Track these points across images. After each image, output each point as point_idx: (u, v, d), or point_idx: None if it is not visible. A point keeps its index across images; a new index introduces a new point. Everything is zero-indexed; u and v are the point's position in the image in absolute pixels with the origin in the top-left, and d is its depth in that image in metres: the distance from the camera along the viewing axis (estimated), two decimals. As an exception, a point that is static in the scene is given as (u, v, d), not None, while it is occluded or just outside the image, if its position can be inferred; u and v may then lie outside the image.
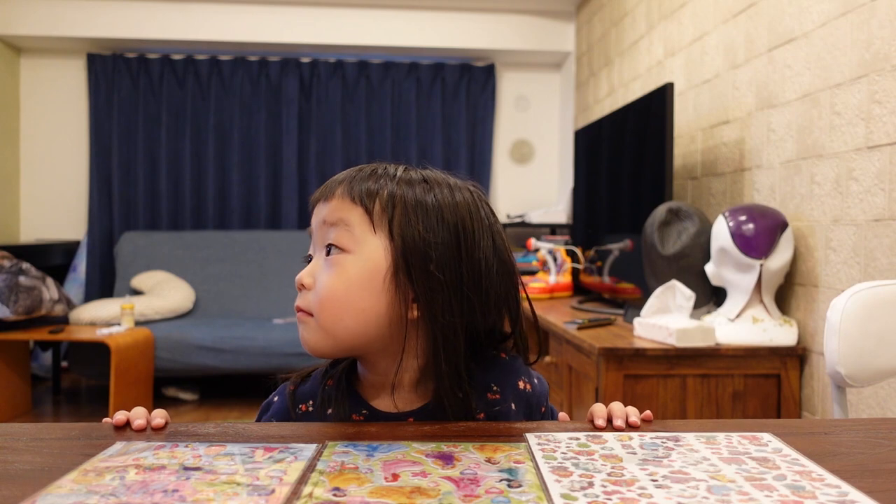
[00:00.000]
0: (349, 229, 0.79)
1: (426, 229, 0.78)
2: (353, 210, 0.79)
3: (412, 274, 0.77)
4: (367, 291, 0.77)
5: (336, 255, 0.79)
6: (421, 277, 0.77)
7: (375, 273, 0.78)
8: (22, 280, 3.40)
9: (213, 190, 4.57)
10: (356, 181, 0.81)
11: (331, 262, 0.79)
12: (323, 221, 0.81)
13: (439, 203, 0.80)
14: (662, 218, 2.22)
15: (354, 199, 0.79)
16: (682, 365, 1.91)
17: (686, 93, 2.73)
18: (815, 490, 0.59)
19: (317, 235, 0.83)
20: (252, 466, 0.64)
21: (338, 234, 0.79)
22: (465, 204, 0.82)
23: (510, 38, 4.47)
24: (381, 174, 0.82)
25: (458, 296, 0.78)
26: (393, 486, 0.59)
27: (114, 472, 0.62)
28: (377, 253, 0.78)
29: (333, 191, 0.82)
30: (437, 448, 0.69)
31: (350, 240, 0.78)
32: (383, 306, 0.78)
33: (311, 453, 0.68)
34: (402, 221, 0.78)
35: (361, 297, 0.77)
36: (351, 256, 0.78)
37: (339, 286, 0.77)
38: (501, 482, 0.60)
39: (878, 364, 1.17)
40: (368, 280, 0.78)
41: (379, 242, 0.78)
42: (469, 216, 0.81)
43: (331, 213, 0.80)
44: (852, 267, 1.75)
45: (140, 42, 4.42)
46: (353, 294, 0.77)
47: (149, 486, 0.59)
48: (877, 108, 1.67)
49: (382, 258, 0.78)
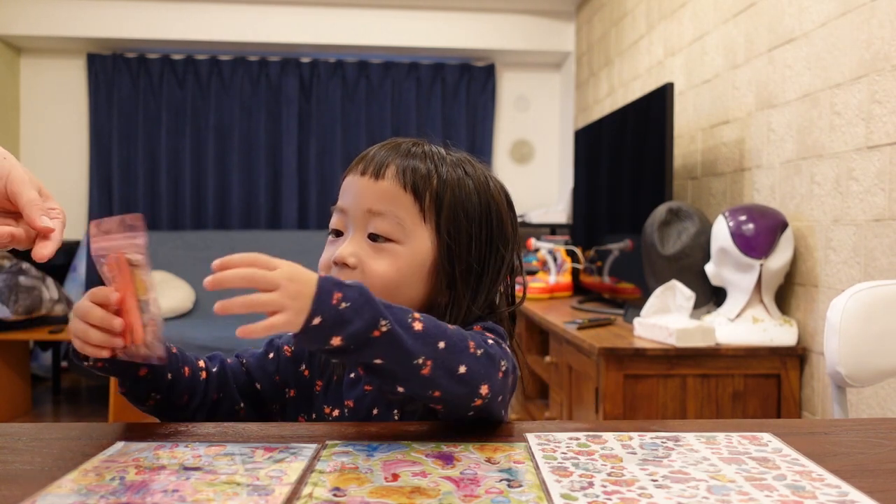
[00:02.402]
0: (400, 221, 0.82)
1: (469, 222, 0.83)
2: (403, 199, 0.82)
3: (455, 265, 0.83)
4: (414, 279, 0.82)
5: (386, 243, 0.82)
6: (461, 268, 0.83)
7: (423, 263, 0.82)
8: (22, 280, 3.40)
9: (213, 190, 4.57)
10: (408, 167, 0.83)
11: (381, 249, 0.82)
12: (369, 210, 0.82)
13: (478, 193, 0.85)
14: (662, 218, 2.22)
15: (406, 188, 0.82)
16: (682, 365, 1.91)
17: (686, 93, 2.73)
18: (815, 490, 0.59)
19: (357, 215, 0.83)
20: (252, 466, 0.64)
21: (389, 226, 0.81)
22: (497, 192, 0.88)
23: (510, 38, 4.47)
24: (426, 156, 0.84)
25: (484, 285, 0.85)
26: (393, 487, 0.59)
27: (114, 472, 0.62)
28: (425, 245, 0.82)
29: (383, 171, 0.83)
30: (436, 448, 0.69)
31: (401, 232, 0.82)
32: (424, 293, 0.84)
33: (311, 453, 0.68)
34: (448, 216, 0.83)
35: (409, 284, 0.82)
36: (401, 247, 0.82)
37: (392, 275, 0.81)
38: (501, 482, 0.60)
39: (878, 364, 1.17)
40: (416, 270, 0.82)
41: (427, 234, 0.83)
42: (499, 206, 0.87)
43: (380, 200, 0.82)
44: (852, 267, 1.75)
45: (140, 42, 4.42)
46: (403, 282, 0.82)
47: (149, 486, 0.59)
48: (877, 108, 1.67)
49: (429, 250, 0.83)
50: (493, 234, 0.86)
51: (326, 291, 0.65)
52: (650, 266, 2.24)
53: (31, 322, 3.49)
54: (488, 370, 0.72)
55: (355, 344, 0.66)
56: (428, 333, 0.69)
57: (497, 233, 0.86)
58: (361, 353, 0.67)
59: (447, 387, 0.70)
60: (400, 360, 0.68)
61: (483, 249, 0.85)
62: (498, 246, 0.86)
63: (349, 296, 0.66)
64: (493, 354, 0.73)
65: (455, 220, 0.83)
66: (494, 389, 0.73)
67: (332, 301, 0.65)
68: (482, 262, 0.85)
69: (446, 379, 0.69)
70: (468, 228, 0.83)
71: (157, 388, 0.82)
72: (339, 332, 0.65)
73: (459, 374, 0.70)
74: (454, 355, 0.70)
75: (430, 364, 0.68)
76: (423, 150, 0.86)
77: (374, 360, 0.68)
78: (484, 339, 0.75)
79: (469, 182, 0.85)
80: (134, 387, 0.80)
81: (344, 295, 0.66)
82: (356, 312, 0.66)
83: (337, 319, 0.65)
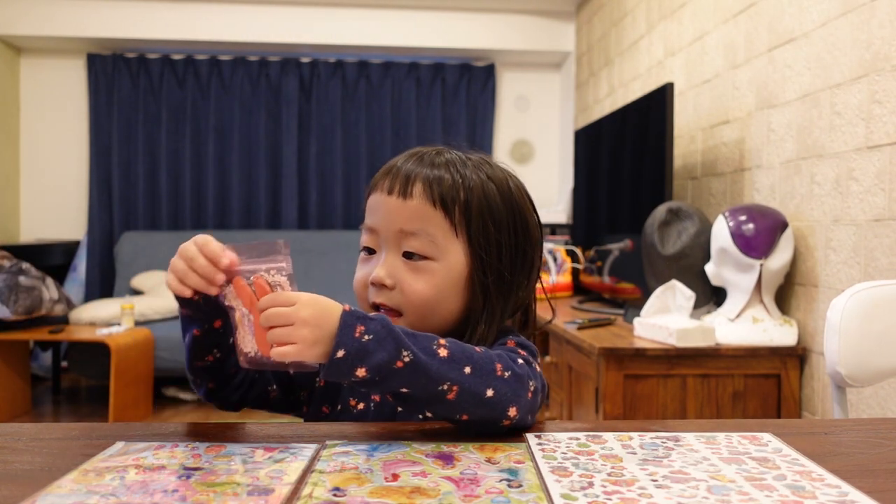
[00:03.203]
0: (432, 239, 0.83)
1: (498, 230, 0.85)
2: (434, 216, 0.83)
3: (487, 275, 0.84)
4: (451, 293, 0.84)
5: (421, 261, 0.83)
6: (493, 276, 0.84)
7: (458, 277, 0.84)
8: (22, 280, 3.40)
9: (213, 190, 4.57)
10: (434, 181, 0.83)
11: (416, 267, 0.83)
12: (401, 230, 0.83)
13: (502, 199, 0.86)
14: (662, 218, 2.22)
15: (436, 205, 0.83)
16: (682, 365, 1.91)
17: (686, 93, 2.73)
18: (815, 490, 0.59)
19: (389, 235, 0.84)
20: (252, 466, 0.64)
21: (422, 245, 0.83)
22: (518, 192, 0.89)
23: (510, 38, 4.47)
24: (450, 165, 0.85)
25: (516, 290, 0.88)
26: (393, 487, 0.59)
27: (114, 472, 0.62)
28: (459, 258, 0.84)
29: (411, 189, 0.83)
30: (437, 448, 0.69)
31: (435, 249, 0.83)
32: (461, 304, 0.85)
33: (310, 453, 0.68)
34: (478, 227, 0.84)
35: (448, 298, 0.84)
36: (436, 264, 0.83)
37: (430, 292, 0.83)
38: (501, 482, 0.60)
39: (878, 364, 1.17)
40: (453, 284, 0.84)
41: (460, 248, 0.84)
42: (522, 208, 0.88)
43: (411, 220, 0.83)
44: (852, 267, 1.75)
45: (140, 42, 4.42)
46: (442, 297, 0.84)
47: (149, 486, 0.59)
48: (877, 108, 1.67)
49: (463, 263, 0.84)
50: (519, 239, 0.87)
51: (349, 325, 0.68)
52: (650, 266, 2.24)
53: (31, 322, 3.49)
54: (516, 392, 0.73)
55: (380, 375, 0.69)
56: (454, 359, 0.71)
57: (523, 236, 0.88)
58: (387, 383, 0.70)
59: (474, 411, 0.72)
60: (425, 388, 0.70)
61: (512, 255, 0.86)
62: (525, 249, 0.88)
63: (371, 328, 0.69)
64: (521, 375, 0.74)
65: (485, 230, 0.84)
66: (523, 411, 0.74)
67: (355, 334, 0.68)
68: (512, 269, 0.87)
69: (473, 403, 0.71)
70: (497, 237, 0.85)
71: (219, 345, 0.82)
72: (362, 364, 0.68)
73: (486, 397, 0.71)
74: (481, 379, 0.71)
75: (455, 389, 0.70)
76: (446, 158, 0.86)
77: (401, 389, 0.70)
78: (513, 359, 0.76)
79: (492, 187, 0.86)
80: (204, 336, 0.81)
81: (367, 328, 0.69)
82: (379, 344, 0.68)
83: (360, 352, 0.68)
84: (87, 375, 3.88)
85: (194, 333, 0.80)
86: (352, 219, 4.65)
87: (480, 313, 0.86)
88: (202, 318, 0.80)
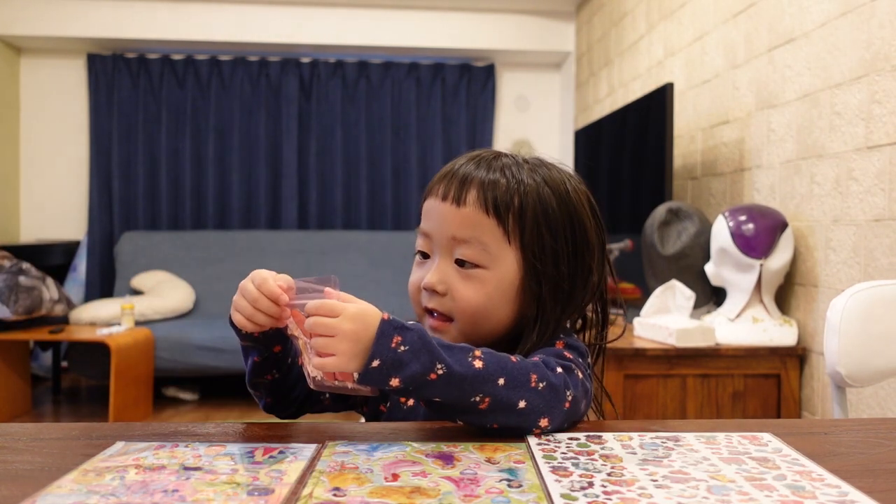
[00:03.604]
0: (485, 247, 0.82)
1: (553, 238, 0.83)
2: (486, 223, 0.82)
3: (542, 284, 0.83)
4: (503, 301, 0.84)
5: (472, 269, 0.83)
6: (549, 286, 0.84)
7: (510, 285, 0.83)
8: (22, 280, 3.40)
9: (213, 190, 4.57)
10: (488, 187, 0.83)
11: (469, 275, 0.83)
12: (453, 237, 0.83)
13: (559, 204, 0.84)
14: (662, 218, 2.22)
15: (489, 212, 0.82)
16: (682, 365, 1.91)
17: (686, 93, 2.73)
18: (815, 490, 0.59)
19: (442, 242, 0.84)
20: (252, 466, 0.64)
21: (474, 253, 0.83)
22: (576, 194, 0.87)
23: (510, 38, 4.47)
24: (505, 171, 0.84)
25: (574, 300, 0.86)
26: (393, 486, 0.59)
27: (114, 472, 0.62)
28: (512, 266, 0.83)
29: (464, 196, 0.83)
30: (437, 448, 0.69)
31: (487, 257, 0.83)
32: (513, 312, 0.85)
33: (310, 453, 0.68)
34: (532, 235, 0.83)
35: (499, 306, 0.84)
36: (488, 272, 0.83)
37: (482, 300, 0.83)
38: (501, 482, 0.60)
39: (878, 364, 1.17)
40: (504, 292, 0.83)
41: (513, 255, 0.83)
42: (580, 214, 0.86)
43: (464, 227, 0.83)
44: (852, 267, 1.75)
45: (140, 42, 4.42)
46: (493, 304, 0.83)
47: (149, 486, 0.59)
48: (877, 108, 1.67)
49: (516, 271, 0.83)
50: (577, 247, 0.85)
51: (387, 335, 0.69)
52: (650, 266, 2.24)
53: (31, 322, 3.49)
54: (549, 403, 0.73)
55: (413, 385, 0.70)
56: (487, 371, 0.71)
57: (581, 244, 0.85)
58: (420, 393, 0.71)
59: (505, 421, 0.72)
60: (458, 399, 0.71)
61: (570, 263, 0.85)
62: (583, 255, 0.86)
63: (408, 339, 0.70)
64: (557, 386, 0.74)
65: (539, 238, 0.83)
66: (556, 421, 0.74)
67: (392, 344, 0.69)
68: (571, 278, 0.85)
69: (504, 414, 0.72)
70: (553, 245, 0.83)
71: (278, 366, 0.85)
72: (396, 374, 0.69)
73: (519, 408, 0.72)
74: (514, 391, 0.72)
75: (487, 401, 0.71)
76: (503, 162, 0.85)
77: (434, 398, 0.72)
78: (551, 368, 0.75)
79: (548, 191, 0.84)
80: (264, 361, 0.84)
81: (403, 338, 0.69)
82: (414, 355, 0.69)
83: (395, 362, 0.69)
84: (87, 375, 3.88)
85: (255, 360, 0.84)
86: (352, 219, 4.65)
87: (534, 321, 0.85)
88: (262, 348, 0.83)
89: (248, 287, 0.76)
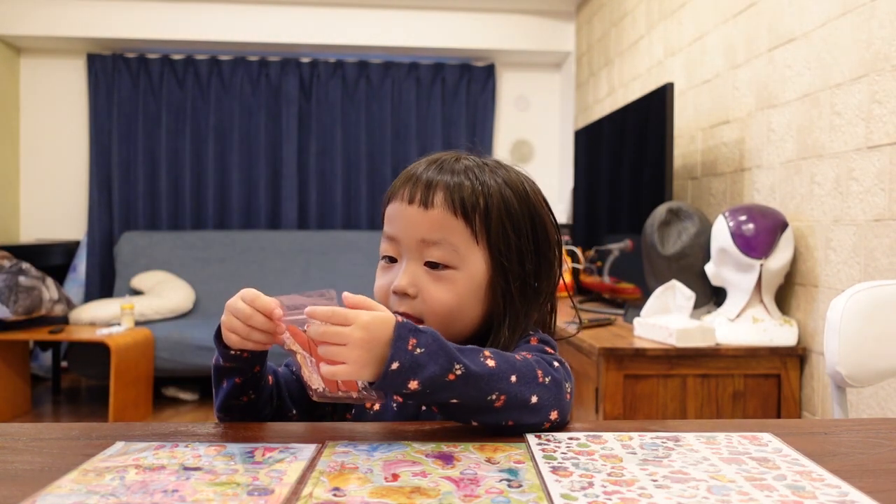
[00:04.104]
0: (455, 248, 0.84)
1: (518, 236, 0.86)
2: (455, 224, 0.84)
3: (509, 281, 0.85)
4: (474, 300, 0.85)
5: (443, 270, 0.84)
6: (517, 283, 0.86)
7: (480, 285, 0.85)
8: (22, 280, 3.39)
9: (213, 190, 4.57)
10: (455, 191, 0.84)
11: (440, 277, 0.84)
12: (422, 240, 0.84)
13: (520, 204, 0.87)
14: (662, 218, 2.22)
15: (457, 213, 0.84)
16: (682, 365, 1.91)
17: (686, 93, 2.73)
18: (815, 490, 0.59)
19: (411, 245, 0.85)
20: (252, 466, 0.64)
21: (444, 254, 0.84)
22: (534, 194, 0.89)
23: (510, 38, 4.47)
24: (468, 172, 0.85)
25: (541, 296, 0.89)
26: (393, 486, 0.59)
27: (114, 472, 0.62)
28: (480, 266, 0.85)
29: (432, 199, 0.84)
30: (437, 448, 0.69)
31: (457, 258, 0.84)
32: (482, 311, 0.87)
33: (310, 453, 0.68)
34: (498, 233, 0.85)
35: (470, 306, 0.85)
36: (459, 273, 0.84)
37: (454, 300, 0.84)
38: (501, 482, 0.60)
39: (878, 364, 1.17)
40: (475, 292, 0.85)
41: (481, 255, 0.85)
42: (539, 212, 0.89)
43: (433, 230, 0.83)
44: (852, 267, 1.75)
45: (140, 42, 4.42)
46: (464, 304, 0.85)
47: (149, 486, 0.59)
48: (877, 108, 1.67)
49: (485, 270, 0.85)
50: (539, 244, 0.88)
51: (403, 338, 0.69)
52: (650, 266, 2.24)
53: (31, 322, 3.49)
54: (556, 396, 0.76)
55: (432, 387, 0.70)
56: (500, 369, 0.73)
57: (543, 241, 0.88)
58: (438, 395, 0.71)
59: (519, 417, 0.74)
60: (475, 399, 0.71)
61: (533, 260, 0.87)
62: (545, 252, 0.89)
63: (423, 341, 0.70)
64: (559, 380, 0.77)
65: (505, 237, 0.85)
66: (563, 413, 0.76)
67: (409, 346, 0.69)
68: (536, 274, 0.88)
69: (518, 410, 0.73)
70: (517, 243, 0.86)
71: (256, 387, 0.84)
72: (415, 377, 0.69)
73: (532, 404, 0.74)
74: (525, 387, 0.73)
75: (503, 398, 0.72)
76: (465, 165, 0.87)
77: (451, 400, 0.72)
78: (549, 363, 0.78)
79: (509, 192, 0.86)
80: (245, 382, 0.83)
81: (418, 341, 0.70)
82: (431, 357, 0.70)
83: (413, 365, 0.69)
84: (87, 375, 3.88)
85: (236, 382, 0.83)
86: (352, 219, 4.65)
87: (502, 318, 0.87)
88: (247, 368, 0.82)
89: (239, 306, 0.75)
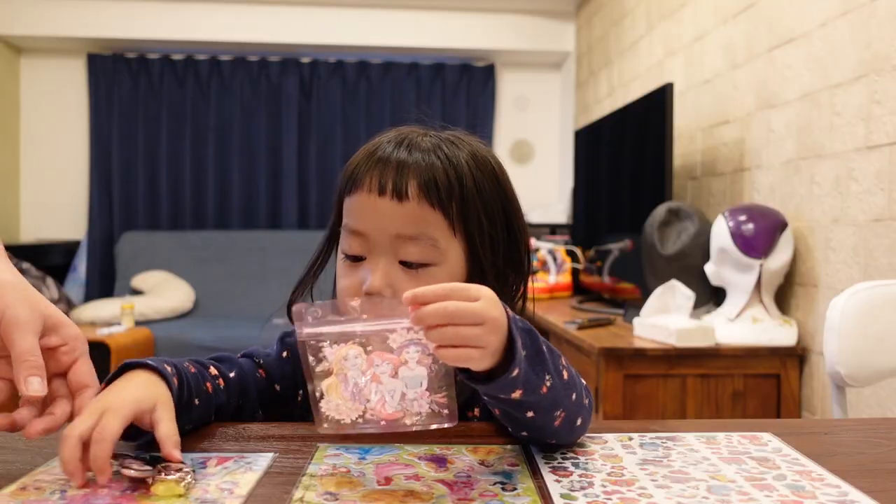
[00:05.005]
0: (434, 243, 0.76)
1: (491, 224, 0.79)
2: (432, 217, 0.76)
3: (486, 272, 0.79)
4: None
5: (421, 268, 0.76)
6: (492, 272, 0.80)
7: (459, 278, 0.78)
8: (21, 280, 3.39)
9: (213, 190, 4.57)
10: (429, 179, 0.76)
11: (418, 275, 0.75)
12: (397, 235, 0.75)
13: (491, 185, 0.81)
14: (662, 218, 2.21)
15: (434, 205, 0.76)
16: (682, 365, 1.91)
17: (686, 93, 2.72)
18: (815, 490, 0.58)
19: (383, 241, 0.76)
20: (202, 477, 0.61)
21: (423, 250, 0.75)
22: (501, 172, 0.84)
23: (510, 38, 4.46)
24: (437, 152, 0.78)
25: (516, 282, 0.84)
26: (385, 490, 0.58)
27: (54, 486, 0.58)
28: (459, 259, 0.78)
29: (404, 188, 0.75)
30: (429, 451, 0.69)
31: (436, 253, 0.76)
32: None
33: (266, 463, 0.64)
34: (474, 222, 0.78)
35: None
36: (439, 269, 0.76)
37: None
38: (496, 485, 0.60)
39: (878, 364, 1.16)
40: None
41: (458, 246, 0.78)
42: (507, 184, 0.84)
43: (408, 223, 0.75)
44: (852, 267, 1.75)
45: (140, 42, 4.42)
46: None
47: (91, 501, 0.56)
48: (877, 108, 1.66)
49: (463, 262, 0.79)
50: (511, 228, 0.82)
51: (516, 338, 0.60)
52: (650, 266, 2.24)
53: (31, 322, 3.48)
54: (589, 417, 0.71)
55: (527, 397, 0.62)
56: (567, 384, 0.66)
57: (513, 224, 0.82)
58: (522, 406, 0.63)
59: (563, 437, 0.69)
60: (545, 416, 0.65)
61: (505, 248, 0.81)
62: (516, 236, 0.83)
63: (524, 341, 0.62)
64: (591, 401, 0.72)
65: (479, 225, 0.78)
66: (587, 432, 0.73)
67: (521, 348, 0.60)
68: (510, 261, 0.82)
69: (566, 430, 0.68)
70: (490, 230, 0.79)
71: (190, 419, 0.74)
72: (521, 387, 0.61)
73: (577, 425, 0.69)
74: (577, 407, 0.68)
75: (562, 417, 0.66)
76: (432, 143, 0.79)
77: (527, 413, 0.64)
78: (585, 385, 0.72)
79: (479, 174, 0.80)
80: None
81: (522, 341, 0.61)
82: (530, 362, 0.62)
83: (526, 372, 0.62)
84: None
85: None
86: (352, 219, 4.64)
87: None
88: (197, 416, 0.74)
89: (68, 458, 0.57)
